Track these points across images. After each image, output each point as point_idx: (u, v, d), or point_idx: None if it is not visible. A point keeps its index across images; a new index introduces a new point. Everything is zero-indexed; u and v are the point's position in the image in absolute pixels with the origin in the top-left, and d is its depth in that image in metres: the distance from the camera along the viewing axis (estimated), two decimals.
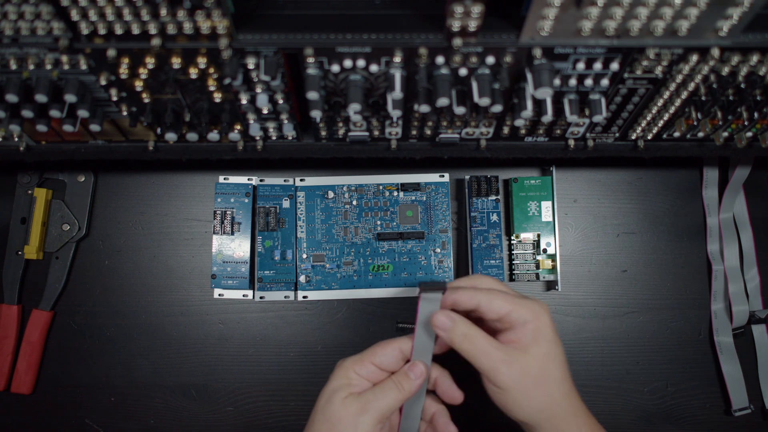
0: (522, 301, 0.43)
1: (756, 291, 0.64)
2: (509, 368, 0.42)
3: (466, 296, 0.44)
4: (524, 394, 0.42)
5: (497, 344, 0.43)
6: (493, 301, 0.43)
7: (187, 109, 0.46)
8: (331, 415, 0.43)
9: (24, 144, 0.50)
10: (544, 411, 0.42)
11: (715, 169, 0.66)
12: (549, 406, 0.42)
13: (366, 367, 0.45)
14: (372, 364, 0.45)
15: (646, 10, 0.36)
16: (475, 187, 0.62)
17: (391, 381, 0.44)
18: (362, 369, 0.45)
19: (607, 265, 0.65)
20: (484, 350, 0.42)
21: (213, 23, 0.37)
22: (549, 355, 0.43)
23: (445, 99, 0.41)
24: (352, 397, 0.43)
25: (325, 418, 0.43)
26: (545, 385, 0.42)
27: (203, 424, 0.62)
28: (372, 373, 0.45)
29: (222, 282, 0.61)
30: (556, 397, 0.43)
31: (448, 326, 0.43)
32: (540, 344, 0.42)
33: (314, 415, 0.44)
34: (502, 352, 0.42)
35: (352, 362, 0.45)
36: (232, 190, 0.62)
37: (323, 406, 0.44)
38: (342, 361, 0.46)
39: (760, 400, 0.63)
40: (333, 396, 0.43)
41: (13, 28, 0.38)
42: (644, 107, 0.48)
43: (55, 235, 0.63)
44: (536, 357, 0.42)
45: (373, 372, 0.45)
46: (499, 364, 0.42)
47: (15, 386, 0.61)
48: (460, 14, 0.35)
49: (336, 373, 0.45)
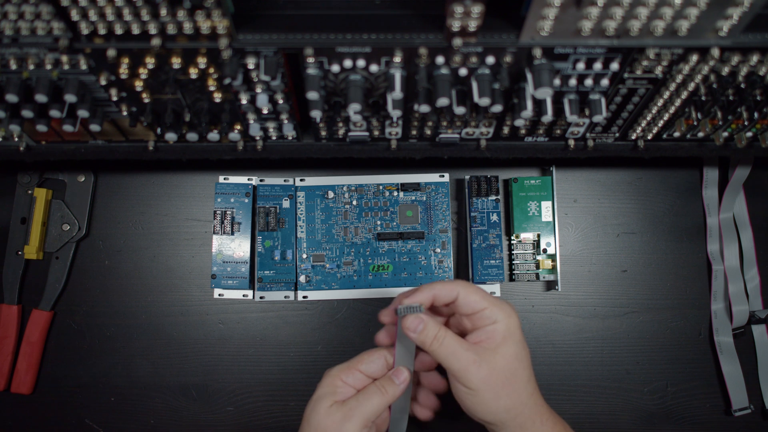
0: (495, 300, 0.44)
1: (756, 291, 0.64)
2: (479, 369, 0.42)
3: (447, 288, 0.44)
4: (493, 394, 0.43)
5: (467, 345, 0.43)
6: (471, 295, 0.44)
7: (187, 109, 0.46)
8: (317, 424, 0.43)
9: (24, 144, 0.50)
10: (511, 410, 0.43)
11: (715, 169, 0.66)
12: (516, 405, 0.43)
13: (353, 374, 0.46)
14: (358, 371, 0.46)
15: (646, 10, 0.36)
16: (475, 187, 0.62)
17: (375, 386, 0.45)
18: (349, 377, 0.46)
19: (607, 265, 0.65)
20: (454, 352, 0.43)
21: (213, 23, 0.37)
22: (517, 356, 0.44)
23: (445, 99, 0.41)
24: (336, 405, 0.44)
25: (311, 427, 0.44)
26: (513, 385, 0.43)
27: (203, 424, 0.62)
28: (358, 380, 0.46)
29: (222, 282, 0.61)
30: (522, 396, 0.44)
31: (418, 328, 0.44)
32: (509, 345, 0.43)
33: (302, 424, 0.45)
34: (472, 353, 0.43)
35: (339, 370, 0.46)
36: (232, 190, 0.62)
37: (309, 415, 0.44)
38: (329, 370, 0.46)
39: (760, 400, 0.63)
40: (317, 405, 0.44)
41: (13, 28, 0.38)
42: (644, 107, 0.48)
43: (55, 235, 0.63)
44: (505, 357, 0.43)
45: (359, 379, 0.46)
46: (469, 365, 0.42)
47: (15, 386, 0.61)
48: (460, 14, 0.35)
49: (322, 381, 0.46)
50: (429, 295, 0.45)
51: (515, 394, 0.43)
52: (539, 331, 0.64)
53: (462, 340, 0.44)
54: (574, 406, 0.63)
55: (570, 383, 0.63)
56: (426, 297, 0.45)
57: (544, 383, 0.63)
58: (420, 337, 0.44)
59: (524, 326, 0.64)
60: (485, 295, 0.44)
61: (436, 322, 0.44)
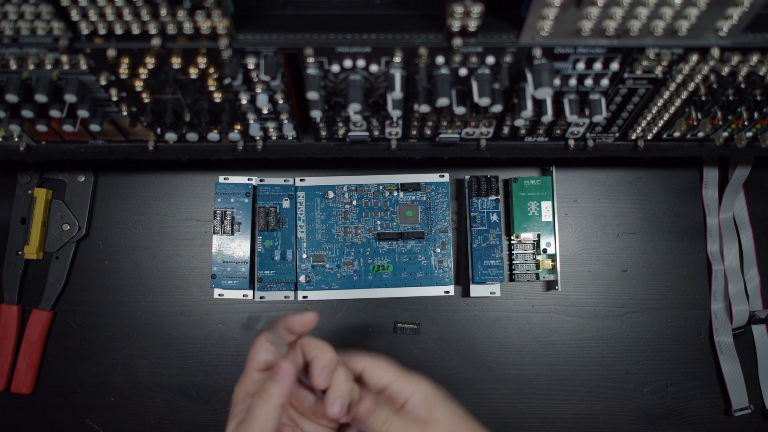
0: (404, 372, 0.41)
1: (756, 291, 0.64)
2: None
3: (354, 360, 0.41)
4: None
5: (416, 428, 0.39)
6: (377, 369, 0.40)
7: (187, 109, 0.46)
8: None
9: (24, 144, 0.50)
10: None
11: (715, 169, 0.66)
12: None
13: (251, 378, 0.40)
14: (255, 372, 0.40)
15: (646, 10, 0.36)
16: (475, 187, 0.62)
17: (255, 397, 0.38)
18: (248, 384, 0.40)
19: (607, 265, 0.65)
20: None
21: (213, 23, 0.37)
22: (457, 415, 0.40)
23: (445, 99, 0.41)
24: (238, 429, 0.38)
25: None
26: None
27: (203, 424, 0.62)
28: (258, 382, 0.40)
29: (222, 282, 0.61)
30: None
31: (367, 419, 0.39)
32: (439, 408, 0.40)
33: None
34: None
35: (237, 384, 0.40)
36: (232, 190, 0.62)
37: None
38: None
39: (760, 400, 0.63)
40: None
41: (13, 28, 0.38)
42: (644, 107, 0.48)
43: (55, 235, 0.63)
44: (443, 422, 0.39)
45: (259, 380, 0.40)
46: None
47: (15, 386, 0.61)
48: (460, 14, 0.35)
49: None
50: (330, 361, 0.39)
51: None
52: (539, 331, 0.64)
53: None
54: (574, 406, 0.63)
55: (570, 383, 0.63)
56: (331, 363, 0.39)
57: (544, 383, 0.63)
58: (371, 424, 0.39)
59: (524, 326, 0.64)
60: (392, 368, 0.40)
61: (386, 409, 0.40)
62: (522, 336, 0.64)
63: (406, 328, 0.63)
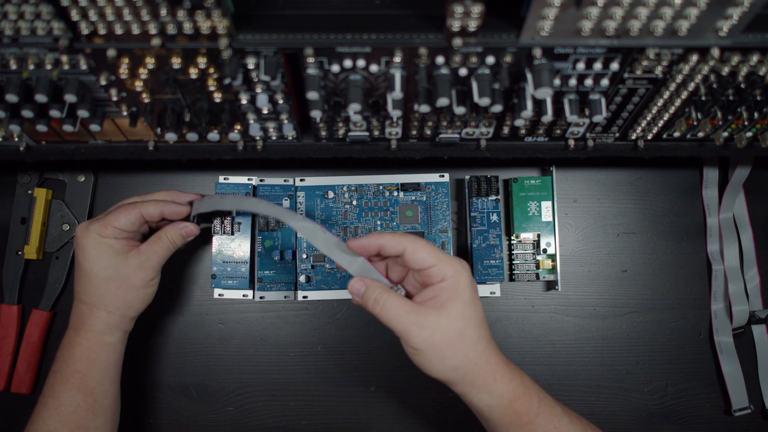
0: (445, 257, 0.43)
1: (756, 291, 0.64)
2: (421, 331, 0.42)
3: (394, 241, 0.44)
4: (438, 354, 0.42)
5: (410, 307, 0.43)
6: (418, 252, 0.43)
7: (187, 109, 0.46)
8: (117, 273, 0.50)
9: (24, 144, 0.50)
10: (458, 369, 0.43)
11: (715, 169, 0.66)
12: (463, 364, 0.43)
13: (108, 230, 0.50)
14: (114, 228, 0.50)
15: (646, 10, 0.36)
16: (475, 187, 0.62)
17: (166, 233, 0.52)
18: (106, 232, 0.50)
19: (607, 265, 0.65)
20: (395, 314, 0.43)
21: (213, 23, 0.37)
22: (464, 315, 0.43)
23: (445, 99, 0.41)
24: (133, 253, 0.51)
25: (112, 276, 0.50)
26: (459, 345, 0.43)
27: (203, 424, 0.62)
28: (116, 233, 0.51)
29: (222, 282, 0.61)
30: (470, 356, 0.43)
31: (360, 291, 0.45)
32: (455, 304, 0.43)
33: (83, 270, 0.50)
34: (414, 314, 0.42)
35: (98, 228, 0.50)
36: (232, 190, 0.62)
37: (91, 265, 0.50)
38: (86, 226, 0.50)
39: (760, 400, 0.63)
40: (100, 259, 0.50)
41: (13, 28, 0.38)
42: (644, 107, 0.48)
43: (55, 235, 0.63)
44: (450, 317, 0.42)
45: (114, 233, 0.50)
46: (410, 326, 0.42)
47: (15, 386, 0.61)
48: (460, 14, 0.35)
49: (87, 240, 0.50)
50: (375, 245, 0.45)
51: (461, 354, 0.43)
52: (539, 331, 0.64)
53: (405, 301, 0.43)
54: (574, 406, 0.62)
55: (570, 383, 0.63)
56: (372, 246, 0.45)
57: (544, 383, 0.63)
58: (362, 300, 0.45)
59: (524, 326, 0.64)
60: (434, 251, 0.43)
61: (377, 284, 0.44)
62: (522, 336, 0.64)
63: None
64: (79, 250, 0.50)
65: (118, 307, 0.51)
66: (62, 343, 0.51)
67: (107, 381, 0.51)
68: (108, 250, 0.50)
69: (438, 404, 0.62)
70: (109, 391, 0.52)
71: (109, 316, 0.51)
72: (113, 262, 0.50)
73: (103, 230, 0.50)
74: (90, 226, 0.50)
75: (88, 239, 0.50)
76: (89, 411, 0.50)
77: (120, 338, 0.53)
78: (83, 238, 0.50)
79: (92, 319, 0.50)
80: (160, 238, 0.52)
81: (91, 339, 0.50)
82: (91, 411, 0.50)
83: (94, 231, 0.50)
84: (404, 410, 0.62)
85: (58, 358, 0.51)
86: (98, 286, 0.50)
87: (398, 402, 0.62)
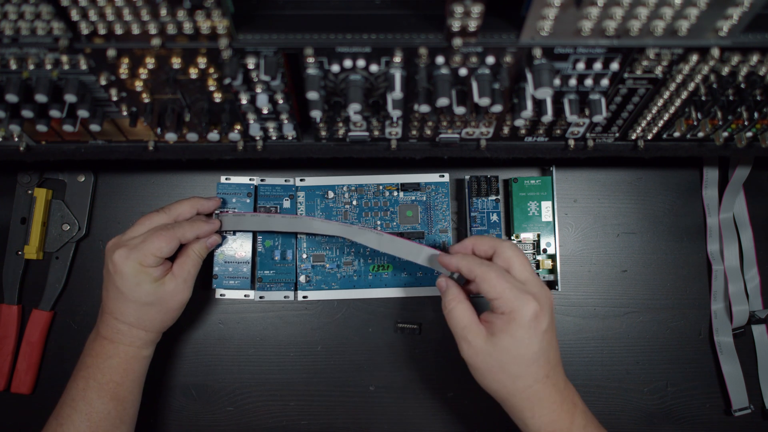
0: (510, 293, 0.44)
1: (756, 291, 0.64)
2: (468, 348, 0.46)
3: (471, 266, 0.46)
4: (478, 374, 0.46)
5: (468, 322, 0.46)
6: (483, 283, 0.45)
7: (187, 109, 0.46)
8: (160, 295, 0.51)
9: (24, 144, 0.51)
10: (495, 394, 0.47)
11: (715, 169, 0.66)
12: (500, 393, 0.46)
13: (150, 260, 0.50)
14: (156, 257, 0.50)
15: (646, 10, 0.36)
16: (475, 187, 0.62)
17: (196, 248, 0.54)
18: (147, 261, 0.50)
19: (607, 265, 0.65)
20: (456, 324, 0.46)
21: (213, 23, 0.37)
22: (510, 351, 0.44)
23: (445, 99, 0.41)
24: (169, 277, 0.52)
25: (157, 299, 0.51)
26: (498, 375, 0.45)
27: (203, 424, 0.62)
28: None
29: (224, 282, 0.61)
30: (510, 388, 0.45)
31: (443, 289, 0.49)
32: (503, 337, 0.44)
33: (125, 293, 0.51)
34: (467, 331, 0.46)
35: (139, 257, 0.50)
36: (233, 190, 0.62)
37: (130, 292, 0.50)
38: (126, 254, 0.50)
39: (760, 400, 0.63)
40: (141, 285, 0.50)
41: (13, 28, 0.38)
42: (644, 107, 0.48)
43: (55, 235, 0.63)
44: (495, 347, 0.44)
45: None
46: (461, 340, 0.46)
47: (15, 386, 0.61)
48: (460, 14, 0.35)
49: (126, 269, 0.50)
50: (454, 267, 0.48)
51: (499, 384, 0.45)
52: None
53: (468, 315, 0.46)
54: None
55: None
56: (466, 247, 0.49)
57: None
58: (442, 297, 0.49)
59: None
60: (501, 282, 0.44)
61: (455, 291, 0.48)
62: None
63: (407, 329, 0.63)
64: (117, 275, 0.50)
65: (156, 327, 0.53)
66: (93, 350, 0.52)
67: (137, 390, 0.54)
68: (148, 278, 0.50)
69: (438, 404, 0.62)
70: (137, 399, 0.54)
71: (147, 334, 0.53)
72: (152, 288, 0.51)
73: (144, 259, 0.50)
74: (130, 255, 0.50)
75: (127, 267, 0.50)
76: (117, 418, 0.51)
77: (153, 350, 0.55)
78: (122, 265, 0.50)
79: (131, 336, 0.52)
80: (189, 256, 0.54)
81: (129, 353, 0.52)
82: (119, 418, 0.51)
83: (135, 260, 0.50)
84: (404, 410, 0.62)
85: (90, 365, 0.51)
86: (138, 310, 0.51)
87: (398, 402, 0.62)
